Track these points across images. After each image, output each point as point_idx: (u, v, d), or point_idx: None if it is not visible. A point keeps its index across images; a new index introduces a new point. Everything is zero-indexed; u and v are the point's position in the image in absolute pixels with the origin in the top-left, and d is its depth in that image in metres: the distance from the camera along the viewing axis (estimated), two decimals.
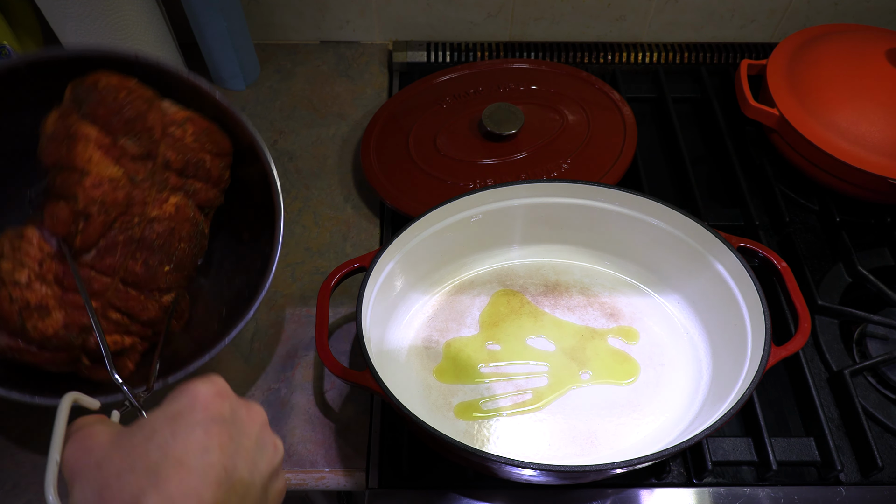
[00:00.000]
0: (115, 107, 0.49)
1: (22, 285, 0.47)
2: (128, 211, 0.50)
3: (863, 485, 0.58)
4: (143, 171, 0.51)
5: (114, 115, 0.49)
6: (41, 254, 0.48)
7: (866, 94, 0.73)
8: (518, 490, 0.58)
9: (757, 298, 0.56)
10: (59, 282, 0.48)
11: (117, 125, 0.50)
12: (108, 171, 0.49)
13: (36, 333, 0.48)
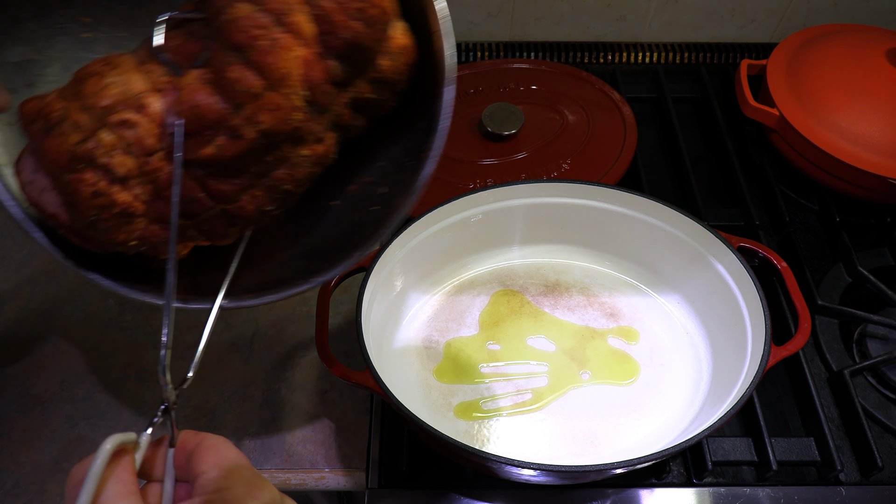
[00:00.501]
0: (347, 25, 0.34)
1: (116, 177, 0.33)
2: (281, 145, 0.37)
3: (863, 485, 0.58)
4: (329, 104, 0.37)
5: (342, 30, 0.34)
6: (155, 142, 0.34)
7: (866, 94, 0.73)
8: (518, 490, 0.58)
9: (757, 298, 0.56)
10: (155, 185, 0.35)
11: (337, 43, 0.35)
12: (292, 98, 0.34)
13: (103, 236, 0.36)
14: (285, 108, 0.34)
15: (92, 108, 0.32)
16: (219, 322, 0.68)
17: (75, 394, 0.63)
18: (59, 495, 0.57)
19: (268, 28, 0.32)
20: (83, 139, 0.32)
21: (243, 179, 0.37)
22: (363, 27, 0.34)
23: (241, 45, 0.32)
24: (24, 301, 0.69)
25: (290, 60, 0.32)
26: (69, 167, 0.32)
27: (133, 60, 0.35)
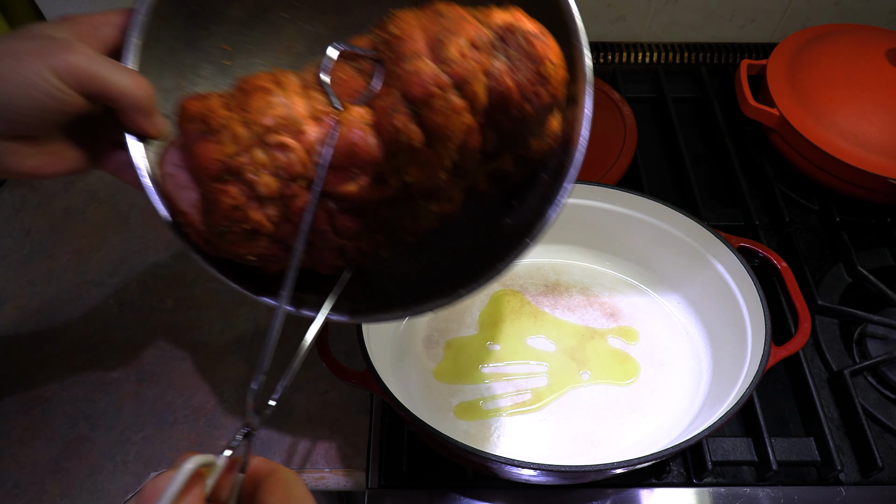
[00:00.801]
0: (520, 106, 0.34)
1: (257, 196, 0.33)
2: (416, 198, 0.37)
3: (863, 485, 0.58)
4: (472, 172, 0.37)
5: (513, 109, 0.34)
6: (302, 169, 0.33)
7: (866, 94, 0.73)
8: (518, 490, 0.58)
9: (757, 298, 0.56)
10: (287, 209, 0.34)
11: (504, 120, 0.35)
12: (444, 159, 0.34)
13: (224, 245, 0.36)
14: (434, 167, 0.34)
15: (253, 124, 0.32)
16: (218, 322, 0.68)
17: (75, 394, 0.63)
18: (59, 495, 0.57)
19: (446, 90, 0.32)
20: (238, 153, 0.32)
21: (369, 222, 0.37)
22: (533, 111, 0.34)
23: (415, 97, 0.32)
24: (24, 301, 0.69)
25: (457, 125, 0.33)
26: (217, 176, 0.32)
27: (298, 83, 0.35)
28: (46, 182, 0.79)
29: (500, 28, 0.34)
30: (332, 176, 0.33)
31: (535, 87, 0.34)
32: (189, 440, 0.60)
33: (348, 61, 0.35)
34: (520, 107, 0.34)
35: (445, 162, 0.34)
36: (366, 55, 0.35)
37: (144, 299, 0.69)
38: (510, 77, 0.33)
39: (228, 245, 0.35)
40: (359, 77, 0.34)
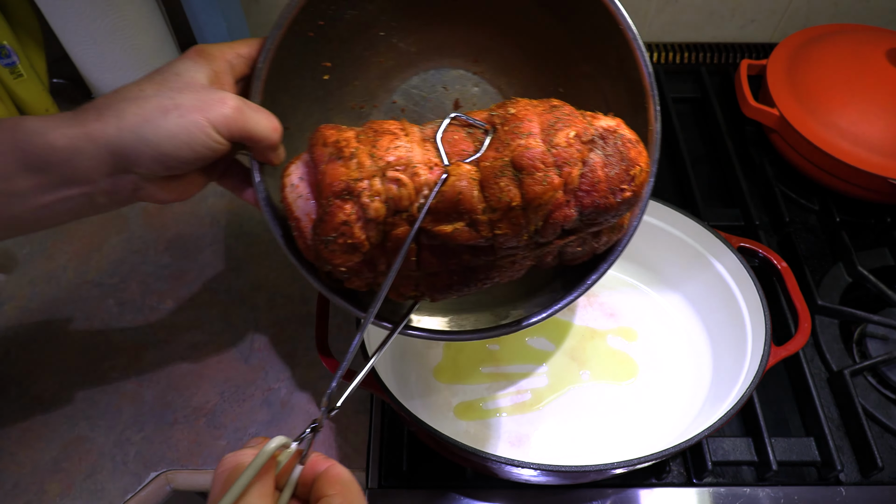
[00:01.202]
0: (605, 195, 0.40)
1: (366, 217, 0.38)
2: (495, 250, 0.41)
3: (863, 485, 0.58)
4: (548, 243, 0.42)
5: (598, 196, 0.40)
6: (408, 204, 0.39)
7: (866, 94, 0.73)
8: (518, 490, 0.58)
9: (757, 298, 0.56)
10: (385, 236, 0.40)
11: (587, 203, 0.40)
12: (531, 223, 0.40)
13: (325, 253, 0.40)
14: (521, 228, 0.39)
15: (378, 158, 0.38)
16: (218, 322, 0.68)
17: (75, 394, 0.63)
18: (59, 495, 0.57)
19: (548, 167, 0.38)
20: (360, 178, 0.38)
21: (450, 263, 0.42)
22: (614, 203, 0.40)
23: (521, 167, 0.38)
24: (24, 301, 0.69)
25: (550, 197, 0.39)
26: (339, 194, 0.38)
27: (419, 135, 0.41)
28: None
29: (604, 130, 0.40)
30: (432, 216, 0.39)
31: (622, 183, 0.40)
32: (189, 440, 0.60)
33: (463, 127, 0.41)
34: (605, 196, 0.39)
35: (531, 226, 0.40)
36: (477, 126, 0.41)
37: (144, 299, 0.70)
38: (602, 169, 0.39)
39: (329, 254, 0.40)
40: (469, 141, 0.41)
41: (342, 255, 0.40)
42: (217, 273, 0.72)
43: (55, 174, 0.38)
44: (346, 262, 0.40)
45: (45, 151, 0.38)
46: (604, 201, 0.39)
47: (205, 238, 0.74)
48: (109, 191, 0.40)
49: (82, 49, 0.75)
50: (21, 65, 0.74)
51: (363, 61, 0.51)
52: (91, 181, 0.39)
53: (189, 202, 0.77)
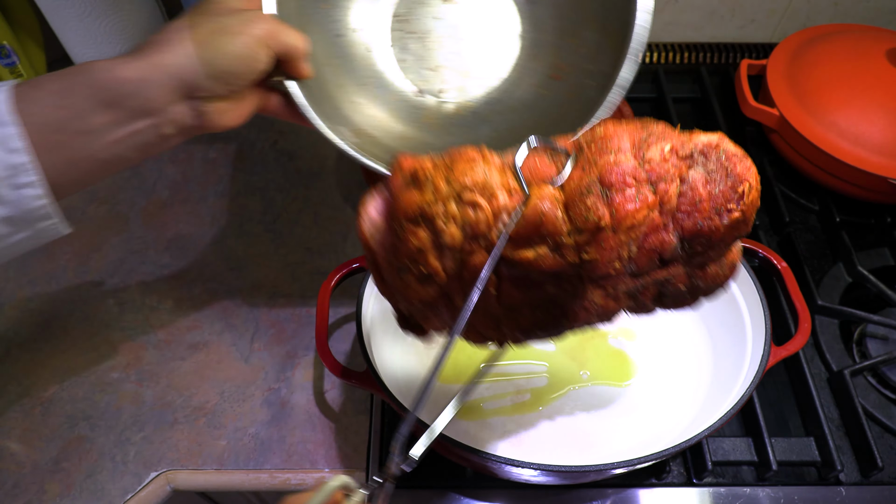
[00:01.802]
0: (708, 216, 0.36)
1: (440, 244, 0.36)
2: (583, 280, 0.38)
3: (863, 485, 0.58)
4: (643, 272, 0.38)
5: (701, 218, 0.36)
6: (485, 230, 0.36)
7: (866, 94, 0.73)
8: (518, 490, 0.58)
9: (757, 298, 0.56)
10: (462, 265, 0.37)
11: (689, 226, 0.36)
12: (623, 247, 0.36)
13: (398, 283, 0.39)
14: (613, 251, 0.35)
15: (454, 181, 0.36)
16: (218, 322, 0.68)
17: (75, 394, 0.63)
18: (59, 495, 0.57)
19: (640, 184, 0.34)
20: (435, 200, 0.35)
21: (533, 295, 0.38)
22: (720, 225, 0.35)
23: (610, 184, 0.34)
24: (24, 301, 0.69)
25: (643, 217, 0.34)
26: (412, 218, 0.36)
27: (499, 162, 0.37)
28: None
29: (704, 145, 0.35)
30: (512, 242, 0.36)
31: (729, 202, 0.34)
32: (189, 440, 0.60)
33: (545, 152, 0.38)
34: (708, 217, 0.34)
35: (624, 252, 0.35)
36: (559, 150, 0.37)
37: (144, 299, 0.70)
38: (704, 186, 0.34)
39: (404, 286, 0.38)
40: (552, 165, 0.37)
41: (417, 287, 0.38)
42: (217, 273, 0.72)
43: (126, 107, 0.41)
44: (422, 296, 0.38)
45: (116, 85, 0.41)
46: (707, 223, 0.35)
47: (205, 238, 0.74)
48: (176, 120, 0.43)
49: (82, 49, 0.75)
50: (21, 65, 0.74)
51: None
52: (159, 111, 0.42)
53: (189, 202, 0.77)
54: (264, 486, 0.59)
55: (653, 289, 0.39)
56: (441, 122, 0.56)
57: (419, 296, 0.38)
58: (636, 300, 0.39)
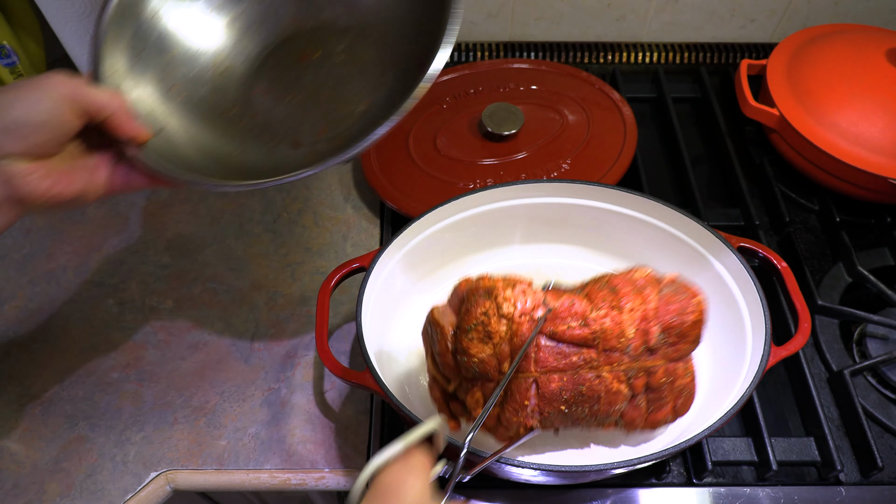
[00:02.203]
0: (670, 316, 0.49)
1: (499, 312, 0.47)
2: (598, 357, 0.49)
3: (863, 485, 0.58)
4: (637, 357, 0.49)
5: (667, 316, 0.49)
6: (530, 308, 0.48)
7: (866, 94, 0.73)
8: (518, 490, 0.58)
9: (757, 298, 0.56)
10: (512, 332, 0.48)
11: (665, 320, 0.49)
12: (624, 331, 0.48)
13: (465, 342, 0.48)
14: (617, 329, 0.48)
15: (512, 281, 0.49)
16: (218, 322, 0.68)
17: (75, 394, 0.63)
18: (59, 495, 0.57)
19: (631, 297, 0.49)
20: (495, 286, 0.48)
21: (564, 364, 0.48)
22: (686, 321, 0.49)
23: (617, 291, 0.49)
24: (24, 301, 0.69)
25: (639, 310, 0.49)
26: (482, 294, 0.48)
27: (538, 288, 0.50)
28: None
29: (670, 278, 0.52)
30: (549, 323, 0.48)
31: (689, 307, 0.49)
32: (189, 440, 0.60)
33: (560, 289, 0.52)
34: (677, 315, 0.49)
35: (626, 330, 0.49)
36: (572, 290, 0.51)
37: (144, 299, 0.69)
38: (674, 297, 0.50)
39: (468, 342, 0.48)
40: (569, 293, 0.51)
41: (478, 345, 0.47)
42: (217, 273, 0.72)
43: None
44: (480, 354, 0.47)
45: None
46: (677, 320, 0.49)
47: (205, 238, 0.74)
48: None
49: (82, 49, 0.75)
50: (21, 65, 0.74)
51: None
52: None
53: (189, 202, 0.77)
54: (264, 486, 0.59)
55: (642, 376, 0.49)
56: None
57: (478, 352, 0.47)
58: (630, 384, 0.49)
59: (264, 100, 0.56)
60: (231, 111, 0.55)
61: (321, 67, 0.56)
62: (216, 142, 0.54)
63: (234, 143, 0.55)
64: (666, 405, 0.51)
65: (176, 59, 0.54)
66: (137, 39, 0.52)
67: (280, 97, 0.56)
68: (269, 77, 0.57)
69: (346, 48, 0.57)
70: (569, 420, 0.50)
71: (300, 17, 0.57)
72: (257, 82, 0.57)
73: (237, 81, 0.57)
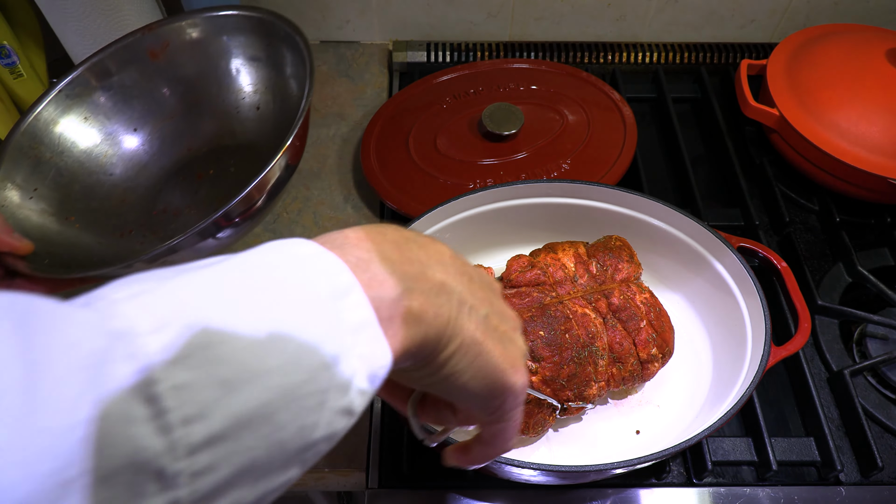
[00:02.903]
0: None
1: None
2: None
3: (863, 485, 0.58)
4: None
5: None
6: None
7: (866, 94, 0.73)
8: (518, 490, 0.58)
9: (757, 298, 0.56)
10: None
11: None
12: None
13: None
14: (557, 263, 0.58)
15: None
16: None
17: None
18: None
19: (563, 245, 0.61)
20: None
21: (528, 301, 0.54)
22: (609, 249, 0.60)
23: (553, 246, 0.60)
24: None
25: (569, 248, 0.60)
26: None
27: None
28: None
29: None
30: (504, 276, 0.57)
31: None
32: None
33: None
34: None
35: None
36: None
37: None
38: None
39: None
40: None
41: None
42: None
43: None
44: None
45: None
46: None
47: None
48: None
49: (82, 49, 0.75)
50: (21, 65, 0.74)
51: None
52: None
53: None
54: None
55: (601, 299, 0.57)
56: None
57: None
58: (595, 308, 0.56)
59: (162, 218, 0.62)
60: (130, 232, 0.60)
61: (217, 180, 0.63)
62: (111, 251, 0.59)
63: (130, 249, 0.60)
64: (642, 323, 0.56)
65: (76, 189, 0.58)
66: (38, 162, 0.57)
67: (178, 212, 0.62)
68: (166, 200, 0.63)
69: (235, 163, 0.65)
70: (561, 358, 0.52)
71: (193, 146, 0.65)
72: (157, 204, 0.62)
73: (136, 208, 0.62)
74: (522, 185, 0.64)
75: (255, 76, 0.64)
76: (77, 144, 0.60)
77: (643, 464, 0.48)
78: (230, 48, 0.64)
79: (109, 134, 0.62)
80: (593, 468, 0.48)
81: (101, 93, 0.62)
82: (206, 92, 0.66)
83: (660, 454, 0.48)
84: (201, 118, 0.65)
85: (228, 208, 0.50)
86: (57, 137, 0.59)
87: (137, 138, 0.63)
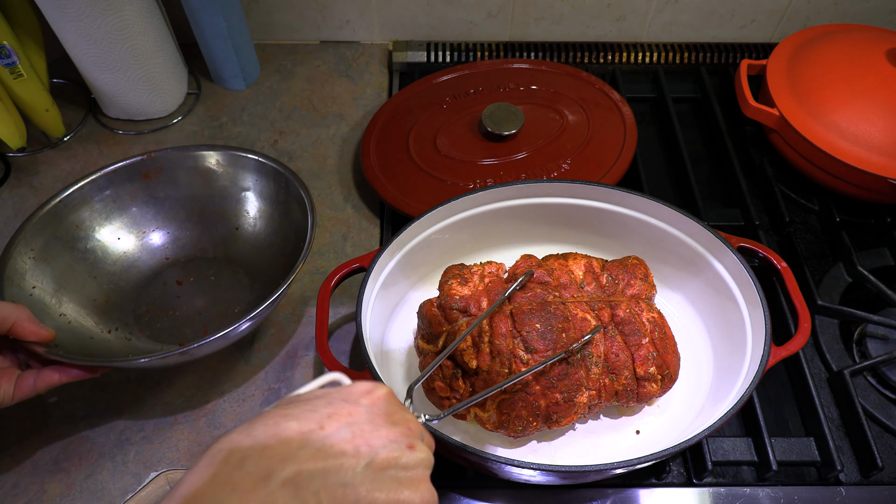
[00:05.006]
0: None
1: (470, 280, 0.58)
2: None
3: (863, 485, 0.58)
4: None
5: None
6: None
7: (866, 94, 0.73)
8: (518, 490, 0.58)
9: (757, 298, 0.56)
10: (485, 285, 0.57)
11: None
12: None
13: (445, 287, 0.57)
14: (565, 268, 0.59)
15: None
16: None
17: (75, 394, 0.63)
18: (59, 495, 0.57)
19: (576, 255, 0.62)
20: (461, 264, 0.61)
21: (531, 296, 0.56)
22: (623, 265, 0.61)
23: (565, 256, 0.61)
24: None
25: (581, 259, 0.61)
26: (452, 266, 0.61)
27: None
28: (46, 182, 0.79)
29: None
30: None
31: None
32: (189, 440, 0.60)
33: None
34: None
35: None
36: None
37: None
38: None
39: (448, 287, 0.57)
40: None
41: (458, 287, 0.56)
42: None
43: None
44: (461, 291, 0.56)
45: None
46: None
47: None
48: None
49: (82, 49, 0.75)
50: (21, 65, 0.74)
51: None
52: None
53: None
54: None
55: (606, 309, 0.57)
56: None
57: (459, 291, 0.56)
58: (598, 316, 0.56)
59: (146, 319, 0.66)
60: (116, 329, 0.64)
61: (197, 287, 0.68)
62: (103, 345, 0.62)
63: (125, 349, 0.64)
64: (644, 339, 0.55)
65: (66, 288, 0.63)
66: (36, 262, 0.62)
67: (161, 314, 0.66)
68: (147, 302, 0.67)
69: (214, 272, 0.69)
70: (554, 354, 0.53)
71: (173, 256, 0.70)
72: (139, 307, 0.67)
73: (120, 307, 0.66)
74: (522, 185, 0.64)
75: (256, 207, 0.69)
76: (70, 247, 0.65)
77: (643, 464, 0.48)
78: (242, 179, 0.69)
79: (98, 240, 0.67)
80: (593, 468, 0.48)
81: (96, 203, 0.67)
82: (205, 210, 0.71)
83: (660, 454, 0.48)
84: (190, 232, 0.71)
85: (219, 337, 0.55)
86: (49, 242, 0.64)
87: (125, 244, 0.69)
